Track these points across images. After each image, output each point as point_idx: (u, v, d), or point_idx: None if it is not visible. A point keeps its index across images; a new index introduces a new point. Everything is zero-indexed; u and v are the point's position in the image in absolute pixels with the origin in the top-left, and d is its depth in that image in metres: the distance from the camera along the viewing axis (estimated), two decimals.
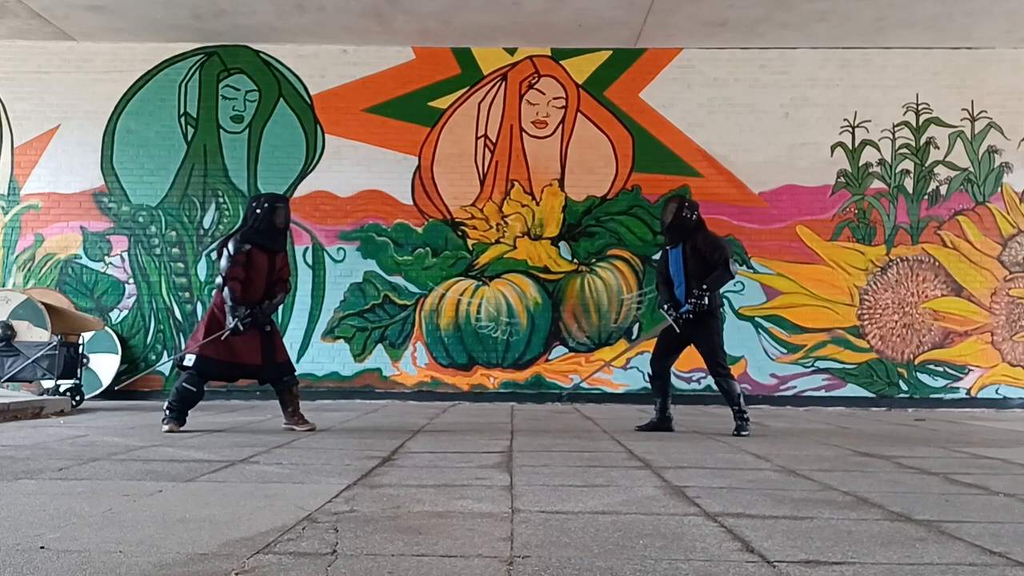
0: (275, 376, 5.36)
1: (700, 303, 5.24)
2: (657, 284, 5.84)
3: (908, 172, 8.90)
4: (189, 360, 5.11)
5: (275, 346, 5.37)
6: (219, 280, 5.21)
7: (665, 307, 5.53)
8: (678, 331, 5.39)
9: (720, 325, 5.48)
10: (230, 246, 5.20)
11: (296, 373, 5.53)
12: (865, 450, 4.52)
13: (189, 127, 8.96)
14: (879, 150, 8.91)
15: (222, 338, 5.13)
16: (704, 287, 5.26)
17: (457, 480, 3.22)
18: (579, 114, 8.97)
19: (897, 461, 4.02)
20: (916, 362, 8.66)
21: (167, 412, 5.08)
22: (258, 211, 5.27)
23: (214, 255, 5.54)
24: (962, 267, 8.75)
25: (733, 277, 5.40)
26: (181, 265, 8.80)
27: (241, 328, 5.10)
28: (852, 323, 8.70)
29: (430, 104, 8.97)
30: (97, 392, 8.26)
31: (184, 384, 5.11)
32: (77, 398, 7.17)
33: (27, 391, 7.63)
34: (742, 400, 5.31)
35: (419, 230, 8.85)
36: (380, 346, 8.73)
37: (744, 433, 5.20)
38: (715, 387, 5.52)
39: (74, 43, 8.96)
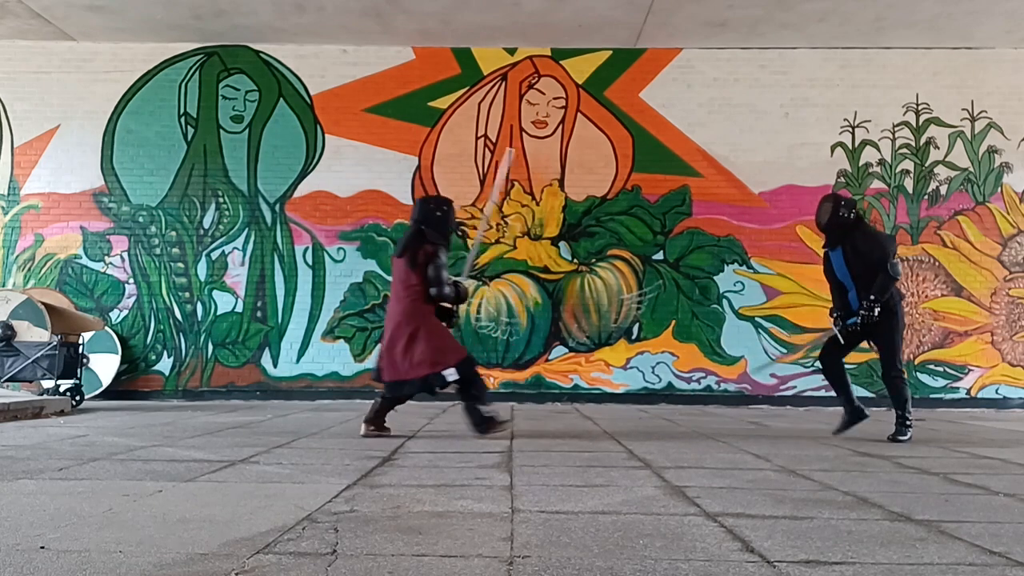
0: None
1: (870, 315, 4.94)
2: (831, 290, 5.40)
3: (908, 172, 8.90)
4: (452, 374, 4.82)
5: None
6: (443, 290, 4.87)
7: (833, 316, 5.26)
8: (842, 341, 5.19)
9: (900, 323, 5.11)
10: (441, 256, 4.93)
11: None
12: (865, 450, 4.52)
13: (189, 127, 8.96)
14: (879, 150, 8.91)
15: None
16: (871, 298, 4.94)
17: (457, 480, 3.22)
18: (579, 114, 8.97)
19: (897, 461, 4.02)
20: (916, 362, 8.66)
21: (484, 422, 4.86)
22: (438, 213, 5.02)
23: (403, 256, 4.98)
24: (962, 267, 8.75)
25: (897, 277, 4.96)
26: (181, 265, 8.81)
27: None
28: None
29: (430, 104, 8.97)
30: (97, 392, 8.26)
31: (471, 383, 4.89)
32: (77, 398, 7.17)
33: (27, 391, 7.63)
34: (908, 405, 5.05)
35: None
36: (380, 346, 8.71)
37: (901, 439, 4.95)
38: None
39: (74, 43, 8.95)
